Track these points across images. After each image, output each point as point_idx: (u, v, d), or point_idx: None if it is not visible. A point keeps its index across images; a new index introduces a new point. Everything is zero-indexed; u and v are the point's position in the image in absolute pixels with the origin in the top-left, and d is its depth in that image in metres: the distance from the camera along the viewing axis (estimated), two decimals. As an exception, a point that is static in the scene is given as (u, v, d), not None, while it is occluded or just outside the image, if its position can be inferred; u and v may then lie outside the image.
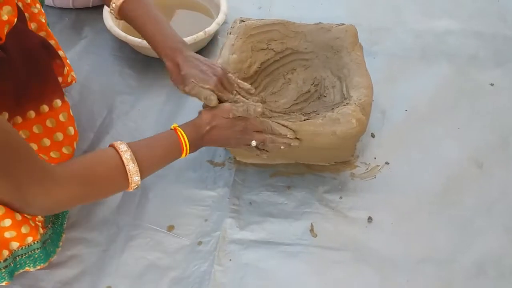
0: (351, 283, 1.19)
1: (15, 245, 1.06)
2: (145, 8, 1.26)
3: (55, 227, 1.20)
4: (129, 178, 1.06)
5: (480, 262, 1.21)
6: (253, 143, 1.21)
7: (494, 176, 1.37)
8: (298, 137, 1.23)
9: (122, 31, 1.60)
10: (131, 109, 1.52)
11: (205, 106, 1.20)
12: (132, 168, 1.05)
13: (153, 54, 1.61)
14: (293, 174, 1.37)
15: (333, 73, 1.39)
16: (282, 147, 1.23)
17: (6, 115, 1.09)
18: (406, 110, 1.51)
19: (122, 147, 1.06)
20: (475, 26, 1.78)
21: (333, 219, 1.29)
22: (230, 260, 1.23)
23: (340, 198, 1.33)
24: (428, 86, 1.58)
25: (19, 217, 1.02)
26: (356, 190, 1.34)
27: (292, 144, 1.23)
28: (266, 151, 1.24)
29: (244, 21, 1.44)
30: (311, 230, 1.27)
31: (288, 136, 1.22)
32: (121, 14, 1.26)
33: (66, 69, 1.33)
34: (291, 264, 1.22)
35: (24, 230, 1.04)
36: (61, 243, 1.22)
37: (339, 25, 1.44)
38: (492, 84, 1.59)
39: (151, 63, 1.64)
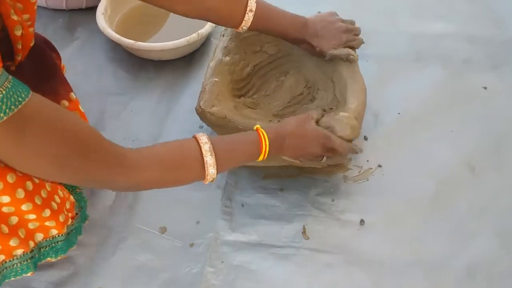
0: (343, 286, 1.19)
1: (39, 236, 1.08)
2: (270, 16, 1.32)
3: (78, 218, 1.19)
4: (206, 169, 1.05)
5: (472, 266, 1.21)
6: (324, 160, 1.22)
7: (486, 180, 1.37)
8: None
9: (116, 32, 1.60)
10: (123, 110, 1.52)
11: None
12: (209, 160, 1.05)
13: (146, 55, 1.63)
14: (285, 177, 1.37)
15: (326, 76, 1.39)
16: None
17: None
18: (399, 113, 1.51)
19: (203, 139, 1.05)
20: (469, 29, 1.78)
21: (325, 222, 1.29)
22: (222, 262, 1.22)
23: (333, 200, 1.33)
24: (421, 89, 1.58)
25: (47, 213, 1.04)
26: (348, 193, 1.34)
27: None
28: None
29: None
30: (303, 232, 1.27)
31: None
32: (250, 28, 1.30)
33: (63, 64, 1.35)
34: (283, 267, 1.22)
35: (49, 223, 1.06)
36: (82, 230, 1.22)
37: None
38: (485, 88, 1.59)
39: (143, 64, 1.64)
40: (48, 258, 1.15)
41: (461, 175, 1.38)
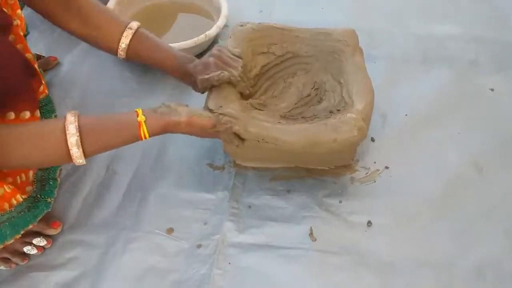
0: (350, 287, 1.19)
1: None
2: (152, 41, 1.31)
3: (17, 214, 1.18)
4: (73, 159, 1.06)
5: (480, 266, 1.21)
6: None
7: (494, 180, 1.37)
8: (298, 142, 1.23)
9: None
10: (130, 112, 1.52)
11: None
12: (75, 152, 1.05)
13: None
14: (293, 178, 1.37)
15: (333, 78, 1.39)
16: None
17: None
18: (406, 115, 1.51)
19: (71, 129, 1.05)
20: (476, 31, 1.78)
21: (333, 223, 1.29)
22: (229, 263, 1.22)
23: (340, 202, 1.33)
24: (428, 90, 1.58)
25: None
26: (356, 194, 1.34)
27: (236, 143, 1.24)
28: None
29: (244, 25, 1.44)
30: (311, 234, 1.27)
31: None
32: (129, 52, 1.30)
33: (41, 87, 1.35)
34: (290, 268, 1.22)
35: None
36: (21, 232, 1.19)
37: (339, 29, 1.44)
38: (492, 89, 1.59)
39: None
40: None
41: (469, 176, 1.38)
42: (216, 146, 1.41)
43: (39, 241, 1.24)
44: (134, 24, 1.28)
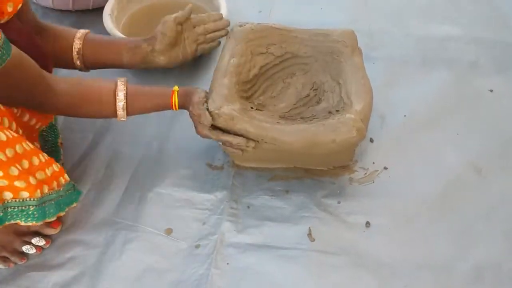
0: (348, 288, 1.19)
1: (8, 195, 1.11)
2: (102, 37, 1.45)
3: (59, 192, 1.22)
4: (117, 111, 1.25)
5: (479, 269, 1.21)
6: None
7: (493, 182, 1.36)
8: (296, 142, 1.23)
9: (122, 33, 1.60)
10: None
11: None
12: (121, 114, 1.26)
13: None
14: (291, 178, 1.37)
15: (332, 78, 1.39)
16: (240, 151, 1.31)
17: None
18: (405, 116, 1.51)
19: (120, 86, 1.24)
20: (476, 32, 1.78)
21: (331, 224, 1.29)
22: (228, 263, 1.22)
23: (339, 202, 1.33)
24: (428, 91, 1.58)
25: (15, 171, 1.08)
26: (354, 195, 1.34)
27: (249, 148, 1.28)
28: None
29: (243, 25, 1.44)
30: (309, 234, 1.27)
31: (242, 145, 1.27)
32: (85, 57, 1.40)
33: None
34: (288, 268, 1.22)
35: (18, 184, 1.10)
36: (66, 210, 1.24)
37: (338, 30, 1.44)
38: (491, 91, 1.58)
39: (150, 66, 1.64)
40: (18, 221, 1.15)
41: (468, 177, 1.38)
42: (215, 146, 1.41)
43: (38, 241, 1.24)
44: (82, 31, 1.39)
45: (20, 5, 1.13)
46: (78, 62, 1.38)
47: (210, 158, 1.42)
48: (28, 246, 1.23)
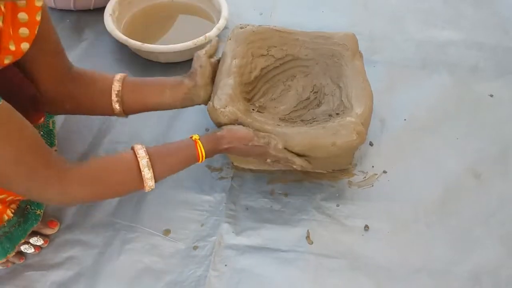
0: (347, 291, 1.19)
1: None
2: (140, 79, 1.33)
3: (22, 224, 1.20)
4: (144, 182, 1.11)
5: (477, 273, 1.21)
6: (268, 161, 1.26)
7: (492, 187, 1.37)
8: (297, 145, 1.23)
9: (123, 34, 1.60)
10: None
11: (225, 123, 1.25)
12: (147, 174, 1.11)
13: (153, 57, 1.63)
14: (290, 181, 1.37)
15: (333, 81, 1.39)
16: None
17: None
18: (405, 120, 1.51)
19: (141, 153, 1.11)
20: (476, 37, 1.78)
21: (330, 227, 1.29)
22: (226, 265, 1.22)
23: (337, 206, 1.33)
24: (428, 96, 1.58)
25: None
26: (353, 198, 1.34)
27: (303, 168, 1.27)
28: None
29: (244, 27, 1.44)
30: (307, 237, 1.27)
31: (301, 165, 1.26)
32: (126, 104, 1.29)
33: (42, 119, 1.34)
34: (286, 271, 1.22)
35: None
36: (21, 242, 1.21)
37: (339, 33, 1.44)
38: (491, 95, 1.59)
39: (151, 66, 1.64)
40: None
41: (467, 182, 1.38)
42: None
43: (36, 241, 1.23)
44: (120, 74, 1.29)
45: (17, 59, 1.06)
46: (117, 106, 1.26)
47: (209, 160, 1.41)
48: (26, 246, 1.23)
